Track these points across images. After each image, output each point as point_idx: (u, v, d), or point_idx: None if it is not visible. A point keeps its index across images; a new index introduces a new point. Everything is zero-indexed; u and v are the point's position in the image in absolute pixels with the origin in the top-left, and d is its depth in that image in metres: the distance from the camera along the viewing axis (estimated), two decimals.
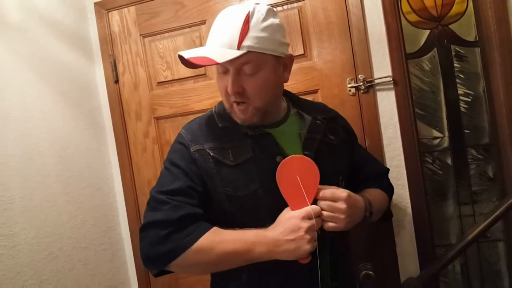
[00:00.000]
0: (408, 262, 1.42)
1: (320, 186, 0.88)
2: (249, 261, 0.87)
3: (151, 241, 0.87)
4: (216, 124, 0.97)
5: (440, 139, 1.48)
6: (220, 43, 0.86)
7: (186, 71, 1.57)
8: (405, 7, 1.46)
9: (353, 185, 1.02)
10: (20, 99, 1.31)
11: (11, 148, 1.25)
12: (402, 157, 1.41)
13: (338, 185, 0.96)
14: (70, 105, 1.53)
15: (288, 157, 0.88)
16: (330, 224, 0.87)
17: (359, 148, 1.19)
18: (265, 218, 0.90)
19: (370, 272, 1.38)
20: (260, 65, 0.89)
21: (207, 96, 1.56)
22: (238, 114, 0.93)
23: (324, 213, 0.87)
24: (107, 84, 1.67)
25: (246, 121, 0.94)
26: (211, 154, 0.93)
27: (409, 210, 1.41)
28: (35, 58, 1.40)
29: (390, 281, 1.42)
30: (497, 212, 1.24)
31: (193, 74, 1.57)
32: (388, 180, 1.20)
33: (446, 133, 1.47)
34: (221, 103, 1.02)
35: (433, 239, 1.44)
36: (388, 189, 1.17)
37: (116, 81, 1.66)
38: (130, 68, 1.64)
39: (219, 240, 0.86)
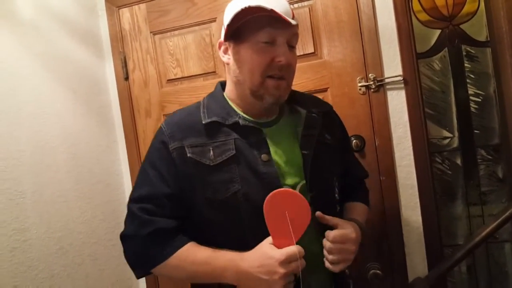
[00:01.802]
0: (416, 262, 1.42)
1: (317, 215, 0.85)
2: (221, 282, 0.84)
3: (128, 252, 0.90)
4: (200, 119, 0.90)
5: (450, 139, 1.47)
6: (278, 9, 0.81)
7: (196, 69, 1.58)
8: (416, 6, 1.45)
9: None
10: (32, 95, 1.33)
11: (23, 144, 1.26)
12: (411, 157, 1.41)
13: (333, 186, 0.95)
14: (81, 101, 1.54)
15: (281, 189, 0.82)
16: (338, 266, 0.83)
17: (349, 149, 1.18)
18: (246, 228, 0.86)
19: (378, 271, 1.38)
20: (297, 42, 0.90)
21: None
22: (272, 90, 0.87)
23: (333, 257, 0.83)
24: (117, 81, 1.68)
25: (279, 98, 0.89)
26: (189, 154, 0.87)
27: (418, 210, 1.41)
28: (47, 55, 1.41)
29: (398, 281, 1.42)
30: (507, 213, 1.23)
31: (203, 72, 1.58)
32: (366, 187, 1.18)
33: (456, 133, 1.47)
34: (212, 95, 0.97)
35: (441, 239, 1.44)
36: (367, 197, 1.14)
37: (126, 78, 1.67)
38: (140, 65, 1.65)
39: (191, 260, 0.85)
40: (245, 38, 0.86)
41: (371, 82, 1.41)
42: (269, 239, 0.81)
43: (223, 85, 1.00)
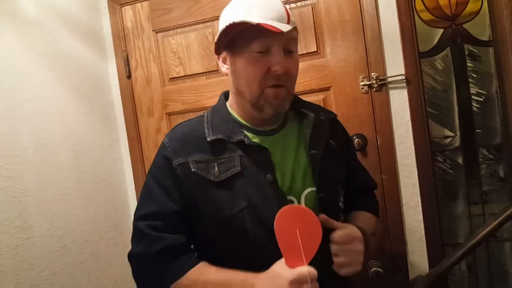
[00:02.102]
0: (418, 260, 1.43)
1: (321, 218, 0.80)
2: None
3: (137, 272, 0.88)
4: (204, 135, 0.89)
5: (451, 138, 1.48)
6: (269, 17, 0.79)
7: (198, 67, 1.59)
8: (418, 5, 1.45)
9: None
10: (35, 93, 1.33)
11: (26, 141, 1.26)
12: (413, 156, 1.41)
13: (338, 193, 0.94)
14: (84, 100, 1.54)
15: (291, 205, 0.81)
16: (347, 269, 0.80)
17: (354, 156, 1.15)
18: (252, 245, 0.84)
19: (379, 269, 1.39)
20: (297, 44, 0.87)
21: (219, 92, 1.53)
22: (272, 99, 0.84)
23: (340, 259, 0.80)
24: (120, 80, 1.68)
25: (279, 108, 0.86)
26: (193, 169, 0.85)
27: (420, 208, 1.42)
28: (49, 53, 1.41)
29: (399, 279, 1.43)
30: (507, 212, 1.24)
31: (205, 70, 1.58)
32: (375, 198, 1.15)
33: (458, 133, 1.47)
34: (215, 109, 0.95)
35: (442, 238, 1.45)
36: (377, 210, 1.11)
37: (129, 77, 1.67)
38: (142, 63, 1.65)
39: (203, 282, 0.82)
40: (239, 49, 0.84)
41: (374, 81, 1.41)
42: (282, 260, 0.78)
43: (226, 95, 0.99)
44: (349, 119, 1.41)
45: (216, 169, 0.85)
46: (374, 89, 1.42)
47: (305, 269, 0.73)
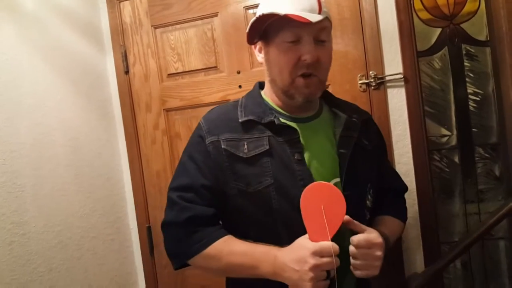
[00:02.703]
0: (413, 258, 1.44)
1: (345, 220, 0.82)
2: (255, 276, 0.85)
3: (168, 240, 0.93)
4: (236, 117, 0.93)
5: (448, 137, 1.49)
6: (300, 7, 0.82)
7: (197, 63, 1.58)
8: (417, 4, 1.46)
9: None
10: (33, 87, 1.32)
11: (23, 136, 1.26)
12: (410, 154, 1.42)
13: (366, 192, 0.95)
14: (81, 94, 1.53)
15: (319, 182, 0.83)
16: (363, 272, 0.82)
17: (387, 159, 1.16)
18: (278, 219, 0.87)
19: None
20: (330, 34, 0.89)
21: (218, 89, 1.56)
22: (302, 88, 0.88)
23: (357, 262, 0.82)
24: (118, 75, 1.67)
25: (310, 96, 0.90)
26: (223, 146, 0.90)
27: (416, 206, 1.43)
28: (47, 48, 1.40)
29: (395, 276, 1.44)
30: (503, 211, 1.25)
31: (204, 67, 1.57)
32: (405, 201, 1.15)
33: (455, 132, 1.48)
34: (249, 95, 1.00)
35: (438, 236, 1.46)
36: (405, 215, 1.11)
37: (127, 72, 1.66)
38: (141, 59, 1.64)
39: (227, 251, 0.86)
40: (271, 38, 0.88)
41: (372, 80, 1.42)
42: (306, 235, 0.81)
43: (261, 84, 1.03)
44: None
45: (245, 146, 0.89)
46: (372, 87, 1.42)
47: (329, 243, 0.77)
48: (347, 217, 0.83)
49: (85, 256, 1.43)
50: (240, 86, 1.53)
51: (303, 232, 0.81)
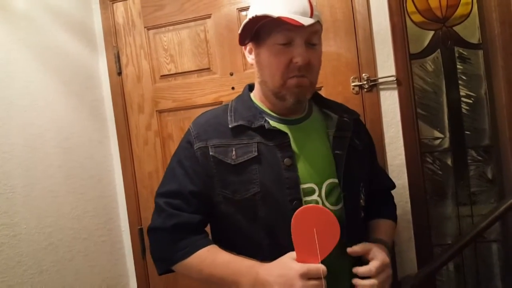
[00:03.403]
0: (406, 260, 1.44)
1: (349, 251, 0.85)
2: None
3: (153, 245, 0.94)
4: (226, 121, 0.93)
5: (441, 139, 1.49)
6: (293, 10, 0.82)
7: (190, 65, 1.58)
8: (410, 7, 1.46)
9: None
10: (24, 88, 1.31)
11: (15, 137, 1.25)
12: (403, 157, 1.42)
13: (360, 191, 0.95)
14: (73, 95, 1.52)
15: (313, 205, 0.82)
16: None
17: (376, 158, 1.17)
18: (261, 228, 0.86)
19: None
20: (320, 37, 0.90)
21: (210, 90, 1.56)
22: (293, 88, 0.87)
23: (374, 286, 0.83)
24: (110, 76, 1.66)
25: (301, 96, 0.89)
26: (211, 153, 0.90)
27: (409, 209, 1.43)
28: (39, 48, 1.39)
29: None
30: (495, 214, 1.25)
31: (197, 68, 1.57)
32: (393, 198, 1.18)
33: (447, 134, 1.48)
34: (239, 98, 0.99)
35: (431, 238, 1.46)
36: (395, 214, 1.13)
37: (119, 73, 1.65)
38: (133, 60, 1.63)
39: (210, 262, 0.86)
40: (263, 40, 0.88)
41: (365, 82, 1.42)
42: (291, 254, 0.79)
43: (251, 87, 1.03)
44: None
45: (233, 152, 0.89)
46: (365, 89, 1.42)
47: (318, 265, 0.75)
48: (350, 249, 0.85)
49: (76, 258, 1.42)
50: (233, 88, 1.53)
51: (286, 244, 0.80)
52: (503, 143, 1.38)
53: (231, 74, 1.54)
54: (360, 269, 0.84)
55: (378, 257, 0.85)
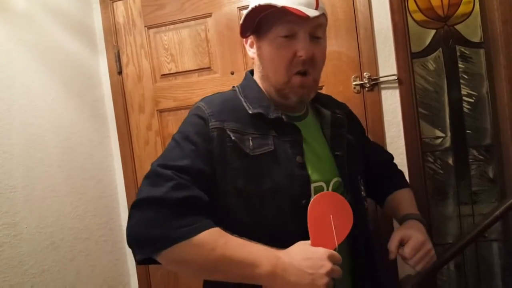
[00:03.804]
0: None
1: (401, 235, 0.89)
2: (248, 277, 0.73)
3: (144, 221, 0.73)
4: (243, 107, 0.86)
5: (442, 139, 1.48)
6: (297, 1, 0.78)
7: (190, 64, 1.58)
8: (411, 5, 1.46)
9: (368, 177, 1.03)
10: (25, 88, 1.31)
11: (15, 137, 1.25)
12: (404, 156, 1.41)
13: (359, 184, 0.95)
14: (74, 95, 1.52)
15: (330, 192, 0.82)
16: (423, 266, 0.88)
17: (368, 141, 1.18)
18: (266, 224, 0.81)
19: None
20: (325, 31, 0.87)
21: (211, 90, 1.55)
22: (297, 88, 0.84)
23: (419, 266, 0.87)
24: (111, 75, 1.66)
25: (304, 97, 0.87)
26: (232, 137, 0.81)
27: None
28: (39, 47, 1.39)
29: (388, 278, 1.43)
30: (496, 213, 1.25)
31: (198, 68, 1.57)
32: (396, 166, 1.21)
33: (449, 133, 1.48)
34: (246, 86, 0.93)
35: (432, 238, 1.45)
36: (405, 179, 1.17)
37: (120, 73, 1.65)
38: (134, 59, 1.63)
39: (223, 241, 0.73)
40: (264, 33, 0.85)
41: (366, 81, 1.41)
42: (304, 242, 0.77)
43: (252, 73, 0.97)
44: None
45: (250, 142, 0.82)
46: (366, 89, 1.42)
47: (336, 252, 0.76)
48: (390, 251, 0.88)
49: (77, 257, 1.42)
50: (233, 87, 1.52)
51: (292, 239, 0.78)
52: (504, 143, 1.38)
53: (232, 73, 1.53)
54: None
55: (409, 243, 0.87)
